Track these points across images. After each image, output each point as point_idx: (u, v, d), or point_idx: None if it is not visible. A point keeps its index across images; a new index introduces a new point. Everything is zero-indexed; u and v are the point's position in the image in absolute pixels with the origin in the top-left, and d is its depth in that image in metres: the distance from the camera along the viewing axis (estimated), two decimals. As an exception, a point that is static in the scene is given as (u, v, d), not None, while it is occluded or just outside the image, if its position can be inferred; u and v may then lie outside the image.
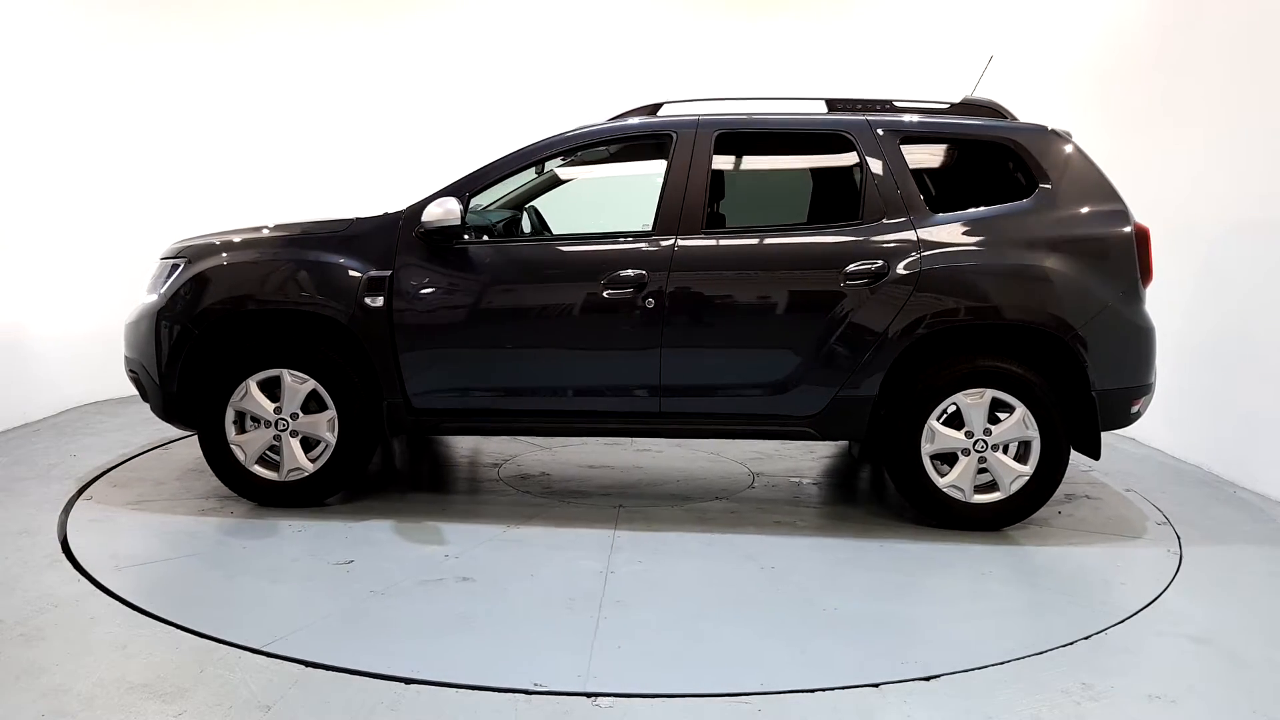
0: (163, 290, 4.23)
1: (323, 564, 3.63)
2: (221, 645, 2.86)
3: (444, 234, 4.01)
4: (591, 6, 8.28)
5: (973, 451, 3.97)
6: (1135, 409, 4.02)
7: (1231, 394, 4.95)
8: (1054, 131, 4.10)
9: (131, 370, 4.38)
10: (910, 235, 3.95)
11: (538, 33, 8.10)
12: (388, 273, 4.04)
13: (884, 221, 3.98)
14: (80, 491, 4.43)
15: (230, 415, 4.14)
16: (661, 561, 3.70)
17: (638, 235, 4.05)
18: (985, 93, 4.50)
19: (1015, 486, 3.98)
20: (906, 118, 4.17)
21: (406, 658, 2.82)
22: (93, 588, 3.30)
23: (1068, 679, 2.75)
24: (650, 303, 3.95)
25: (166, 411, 4.22)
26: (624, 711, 2.54)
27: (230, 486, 4.24)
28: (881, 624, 3.16)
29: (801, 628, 3.12)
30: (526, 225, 4.93)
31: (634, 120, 4.33)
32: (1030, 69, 6.59)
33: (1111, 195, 3.99)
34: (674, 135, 4.14)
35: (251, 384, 4.11)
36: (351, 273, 4.06)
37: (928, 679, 2.75)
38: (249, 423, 4.17)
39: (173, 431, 5.56)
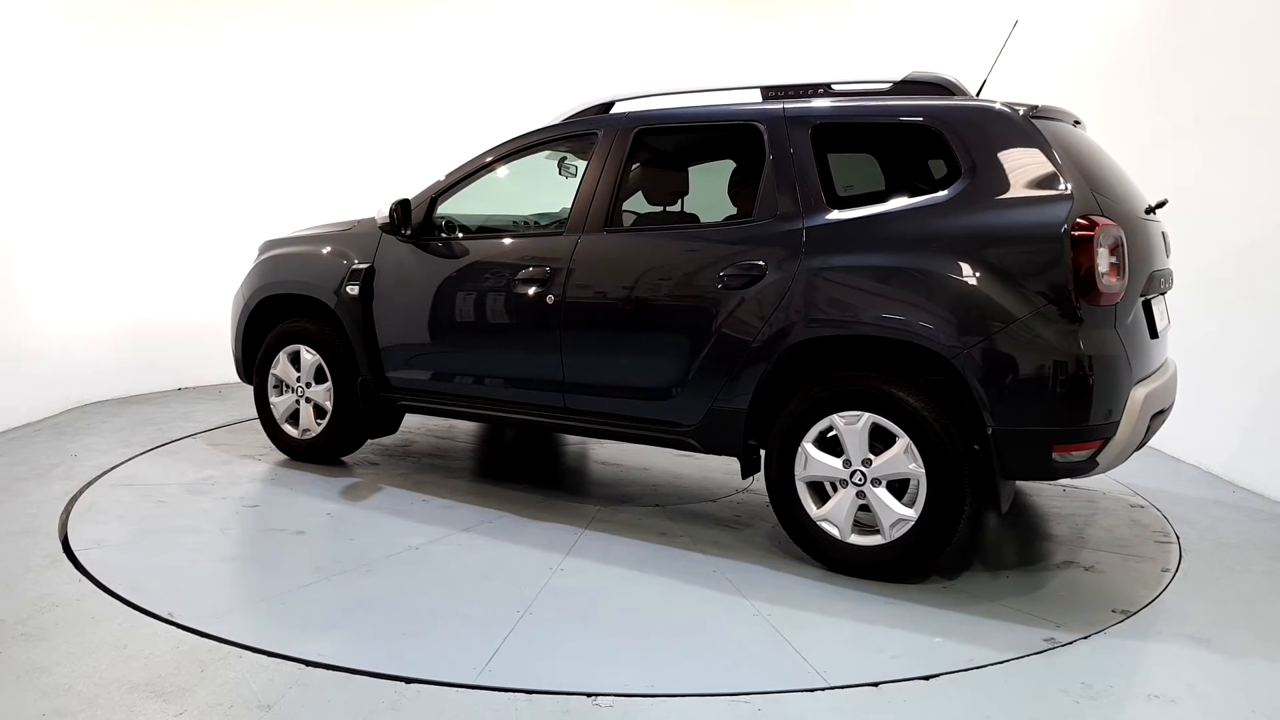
0: (245, 277, 5.15)
1: (234, 505, 4.30)
2: (222, 645, 2.87)
3: (389, 229, 4.50)
4: (596, 5, 8.30)
5: (850, 484, 3.43)
6: (1064, 457, 3.18)
7: (1231, 394, 4.95)
8: (999, 110, 3.38)
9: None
10: (798, 234, 3.53)
11: (545, 32, 8.13)
12: (367, 265, 4.57)
13: (775, 219, 3.60)
14: (81, 491, 4.43)
15: (271, 380, 4.96)
16: (473, 546, 3.80)
17: (552, 233, 4.18)
18: (1000, 69, 4.07)
19: (896, 532, 3.36)
20: (822, 103, 3.72)
21: (143, 574, 3.44)
22: (93, 587, 3.31)
23: (1068, 679, 2.75)
24: (551, 299, 3.99)
25: (239, 372, 5.19)
26: (624, 711, 2.54)
27: (271, 440, 5.06)
28: (543, 635, 3.01)
29: (451, 623, 3.08)
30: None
31: (569, 121, 4.31)
32: (1033, 63, 6.59)
33: (1054, 185, 3.19)
34: (598, 133, 4.14)
35: (282, 355, 4.89)
36: (342, 265, 4.66)
37: (927, 678, 2.75)
38: (284, 388, 4.93)
39: (174, 432, 5.64)
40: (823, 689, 2.67)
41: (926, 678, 2.75)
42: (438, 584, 3.43)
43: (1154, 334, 3.59)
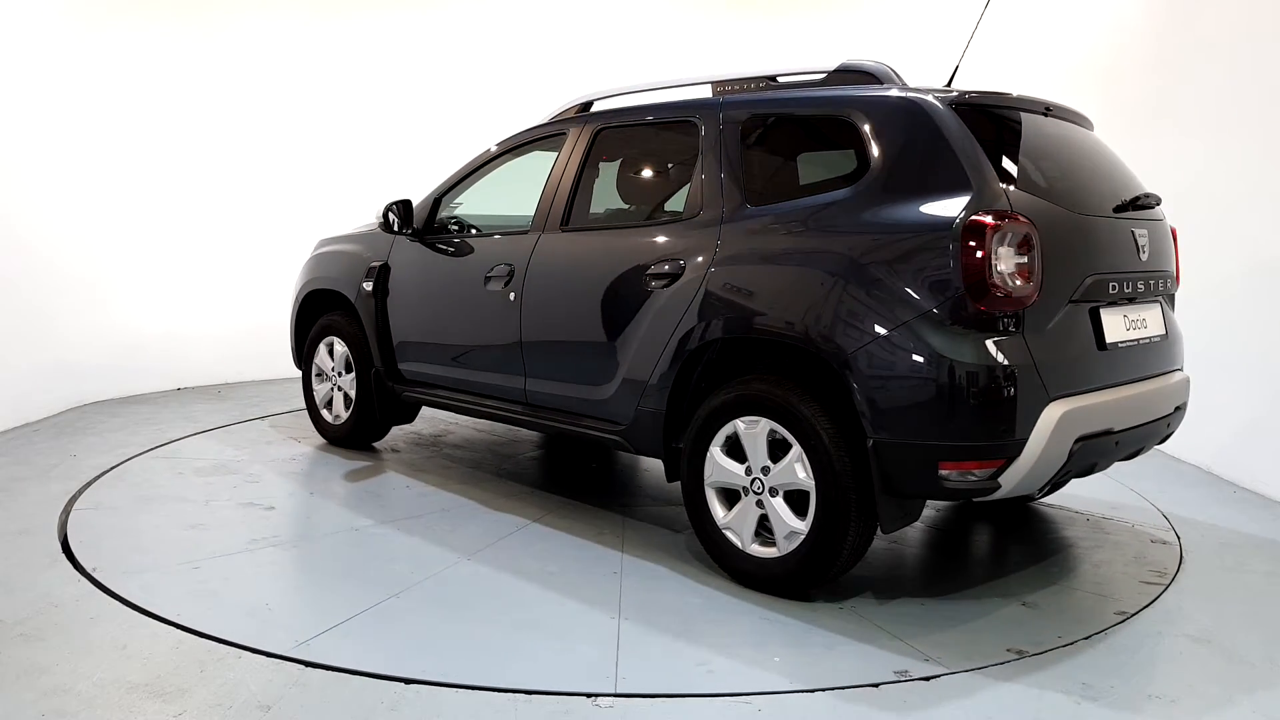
0: (299, 272, 5.48)
1: (238, 480, 4.59)
2: (221, 645, 2.87)
3: (385, 229, 4.71)
4: (601, 4, 8.29)
5: (751, 492, 3.29)
6: (956, 476, 2.91)
7: (1231, 394, 4.95)
8: (906, 100, 3.16)
9: None
10: (714, 233, 3.45)
11: (552, 31, 8.12)
12: (381, 263, 4.80)
13: (698, 217, 3.52)
14: (80, 491, 4.43)
15: (315, 369, 5.32)
16: (409, 532, 3.92)
17: (519, 232, 4.26)
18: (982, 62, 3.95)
19: (789, 545, 3.19)
20: (752, 96, 3.61)
21: (105, 534, 3.86)
22: (93, 588, 3.30)
23: (1068, 679, 2.75)
24: (513, 296, 4.08)
25: (294, 359, 5.57)
26: (624, 711, 2.54)
27: (313, 424, 5.44)
28: (387, 619, 3.07)
29: (316, 599, 3.27)
30: None
31: (552, 120, 4.36)
32: (1032, 62, 6.59)
33: (956, 179, 2.95)
34: (565, 132, 4.18)
35: (321, 346, 5.24)
36: (362, 262, 4.92)
37: (927, 679, 2.75)
38: (323, 377, 5.29)
39: (175, 433, 5.64)
40: (609, 694, 2.61)
41: (926, 678, 2.75)
42: (343, 564, 3.57)
43: (1101, 345, 3.19)
